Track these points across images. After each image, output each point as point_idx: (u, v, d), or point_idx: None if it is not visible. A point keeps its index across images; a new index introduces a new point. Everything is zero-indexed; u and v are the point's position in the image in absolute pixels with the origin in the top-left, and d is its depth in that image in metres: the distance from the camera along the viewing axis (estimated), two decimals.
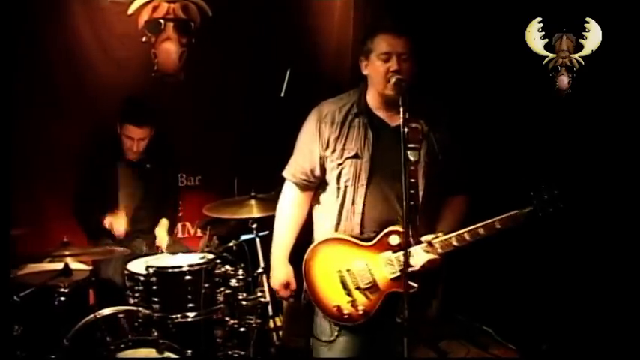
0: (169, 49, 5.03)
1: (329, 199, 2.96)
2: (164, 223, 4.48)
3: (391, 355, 2.88)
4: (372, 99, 2.92)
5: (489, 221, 2.76)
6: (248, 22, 5.16)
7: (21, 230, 3.69)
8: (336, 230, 2.93)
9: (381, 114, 2.90)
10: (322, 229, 3.00)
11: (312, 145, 2.94)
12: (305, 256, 2.97)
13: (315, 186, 3.02)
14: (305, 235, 3.08)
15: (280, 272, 3.06)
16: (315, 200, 3.05)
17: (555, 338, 4.44)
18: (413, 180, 2.81)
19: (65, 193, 4.63)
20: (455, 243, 2.79)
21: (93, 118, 4.75)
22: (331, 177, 2.93)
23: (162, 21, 4.98)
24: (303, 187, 3.02)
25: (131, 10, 4.87)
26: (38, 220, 4.53)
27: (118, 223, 4.26)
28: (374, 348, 2.96)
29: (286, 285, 3.06)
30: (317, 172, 2.97)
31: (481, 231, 2.77)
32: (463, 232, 2.78)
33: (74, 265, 3.69)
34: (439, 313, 3.10)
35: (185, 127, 5.04)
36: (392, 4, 4.91)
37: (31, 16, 4.53)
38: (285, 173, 3.06)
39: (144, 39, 4.95)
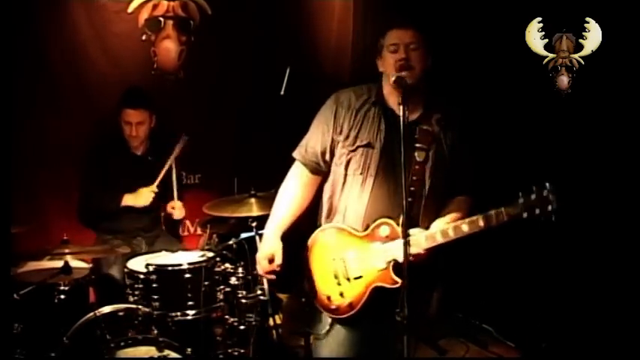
0: (169, 47, 5.04)
1: (335, 187, 2.95)
2: (178, 202, 4.50)
3: (390, 353, 2.88)
4: (387, 94, 2.92)
5: (473, 218, 2.72)
6: (248, 21, 5.17)
7: (21, 228, 3.68)
8: (342, 219, 2.92)
9: (396, 108, 2.90)
10: (326, 217, 2.99)
11: (327, 127, 2.93)
12: (308, 243, 2.97)
13: (323, 171, 3.00)
14: (309, 222, 3.06)
15: (268, 245, 2.99)
16: (322, 188, 3.03)
17: (555, 336, 4.45)
18: (416, 178, 2.81)
19: (65, 191, 4.64)
20: (439, 238, 2.75)
21: (93, 116, 4.76)
22: (339, 163, 2.92)
23: (161, 19, 4.99)
24: (312, 169, 3.01)
25: (131, 8, 4.88)
26: (38, 219, 4.54)
27: (178, 209, 4.40)
28: (370, 345, 2.94)
29: (271, 259, 2.98)
30: (327, 156, 2.96)
31: (465, 228, 2.72)
32: (447, 229, 2.75)
33: (74, 263, 3.70)
34: (439, 311, 3.09)
35: (184, 125, 5.04)
36: (391, 3, 4.91)
37: (31, 16, 4.53)
38: (296, 153, 3.04)
39: (143, 37, 4.96)
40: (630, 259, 4.14)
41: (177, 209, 4.45)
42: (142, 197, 4.31)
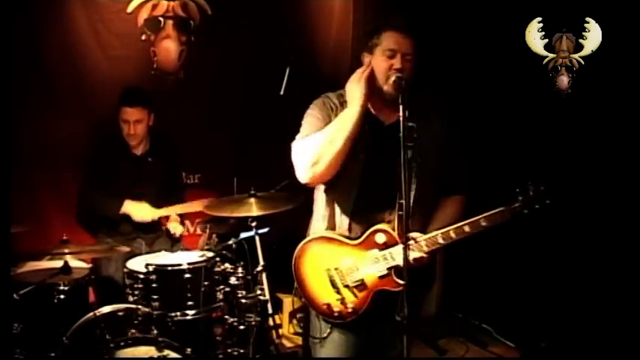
0: (169, 47, 5.04)
1: (322, 196, 2.95)
2: (175, 217, 4.51)
3: (387, 353, 2.88)
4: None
5: (475, 218, 2.74)
6: (247, 21, 5.17)
7: (21, 228, 3.68)
8: (327, 228, 2.92)
9: (377, 112, 2.90)
10: (315, 226, 2.99)
11: (319, 118, 2.88)
12: (294, 254, 2.94)
13: None
14: (301, 231, 3.07)
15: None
16: (311, 199, 3.04)
17: (554, 336, 4.45)
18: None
19: (65, 191, 4.65)
20: (440, 241, 2.76)
21: (92, 116, 4.76)
22: None
23: (161, 19, 4.99)
24: None
25: (130, 8, 4.88)
26: (38, 218, 4.54)
27: (175, 227, 4.43)
28: (368, 346, 2.94)
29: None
30: None
31: (467, 228, 2.74)
32: (448, 230, 2.75)
33: (74, 263, 3.70)
34: (438, 311, 3.09)
35: (185, 125, 5.05)
36: (391, 2, 4.91)
37: (30, 15, 4.53)
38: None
39: (143, 37, 4.96)
40: (629, 259, 4.14)
41: (177, 227, 4.47)
42: (142, 212, 4.32)
